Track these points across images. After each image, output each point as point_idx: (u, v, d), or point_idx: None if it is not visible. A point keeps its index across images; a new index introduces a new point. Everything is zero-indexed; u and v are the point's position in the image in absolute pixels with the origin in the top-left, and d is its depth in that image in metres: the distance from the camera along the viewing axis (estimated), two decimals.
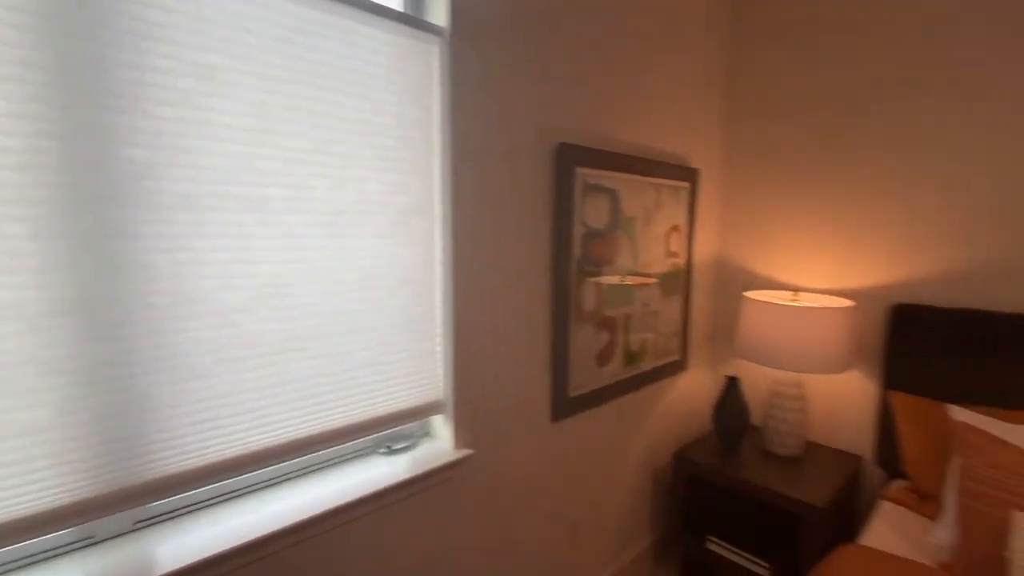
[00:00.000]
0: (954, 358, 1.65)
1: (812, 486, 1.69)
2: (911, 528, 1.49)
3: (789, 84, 2.01)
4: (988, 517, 1.21)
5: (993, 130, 1.60)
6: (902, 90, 1.76)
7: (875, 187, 1.84)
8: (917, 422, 1.66)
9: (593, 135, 1.58)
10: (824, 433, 2.02)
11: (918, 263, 1.77)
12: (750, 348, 1.88)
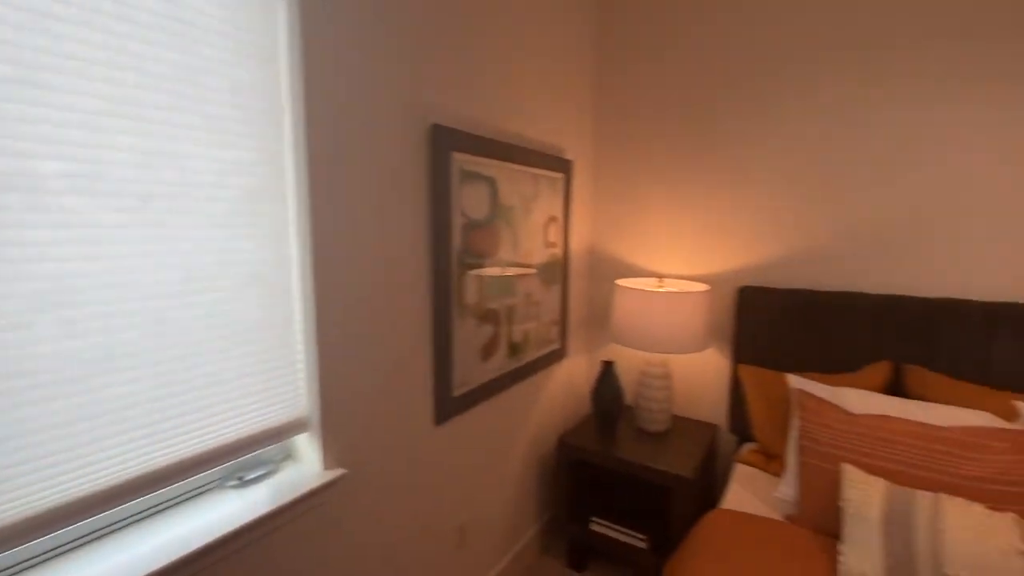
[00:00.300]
0: (790, 332, 1.89)
1: (679, 458, 1.81)
2: (762, 487, 1.67)
3: (649, 83, 2.12)
4: (823, 471, 1.39)
5: (820, 131, 1.84)
6: (748, 92, 1.94)
7: (725, 181, 2.02)
8: (762, 391, 1.87)
9: (468, 119, 1.50)
10: (687, 407, 2.20)
11: (761, 249, 1.99)
12: (622, 333, 1.97)
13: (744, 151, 1.97)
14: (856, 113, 1.76)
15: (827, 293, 1.84)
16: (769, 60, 1.89)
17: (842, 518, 1.24)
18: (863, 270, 1.81)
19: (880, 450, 1.34)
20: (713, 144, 2.03)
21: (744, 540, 1.35)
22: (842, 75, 1.77)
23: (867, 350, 1.76)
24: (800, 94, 1.85)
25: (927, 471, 1.27)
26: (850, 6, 1.74)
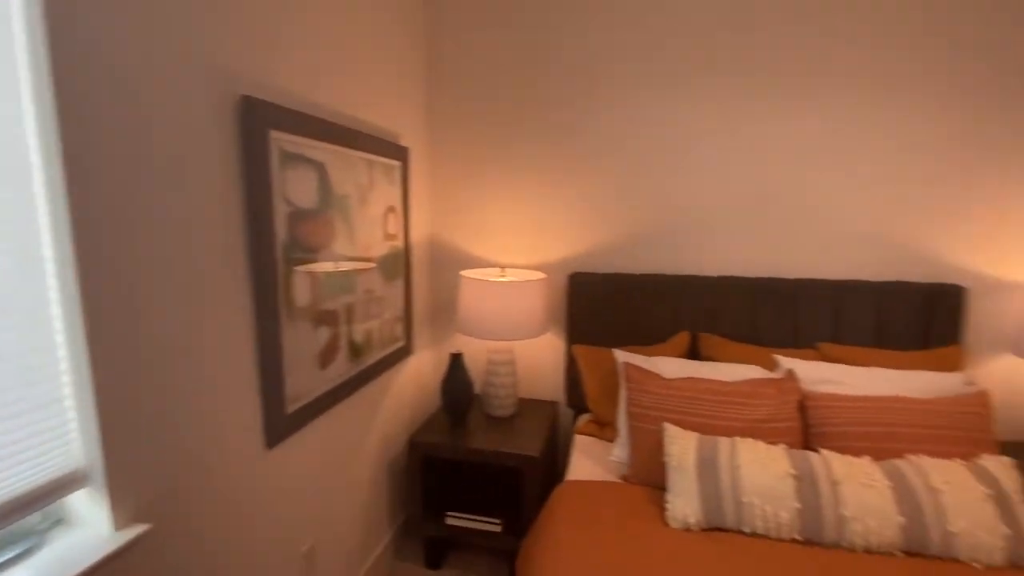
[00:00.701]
0: (613, 312, 2.10)
1: (527, 439, 1.89)
2: (599, 453, 1.84)
3: (481, 73, 2.14)
4: (649, 432, 1.58)
5: (632, 133, 2.06)
6: (572, 90, 2.08)
7: (558, 172, 2.15)
8: (594, 366, 2.05)
9: (288, 94, 1.30)
10: (531, 389, 2.32)
11: (588, 238, 2.17)
12: (469, 323, 1.97)
13: (571, 144, 2.12)
14: (658, 117, 2.02)
15: (640, 276, 2.09)
16: (588, 62, 2.05)
17: (667, 471, 1.43)
18: (666, 255, 2.10)
19: (690, 407, 1.58)
20: (544, 137, 2.13)
21: (589, 505, 1.46)
22: (650, 80, 2.01)
23: (671, 323, 2.06)
24: (616, 97, 2.05)
25: (724, 420, 1.54)
26: (661, 21, 1.98)
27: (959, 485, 1.26)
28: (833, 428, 1.52)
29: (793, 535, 1.28)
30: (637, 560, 1.23)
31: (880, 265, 1.92)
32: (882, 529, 1.23)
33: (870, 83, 1.84)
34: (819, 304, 1.93)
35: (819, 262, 1.97)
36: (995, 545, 1.19)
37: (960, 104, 1.79)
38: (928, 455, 1.38)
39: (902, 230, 1.89)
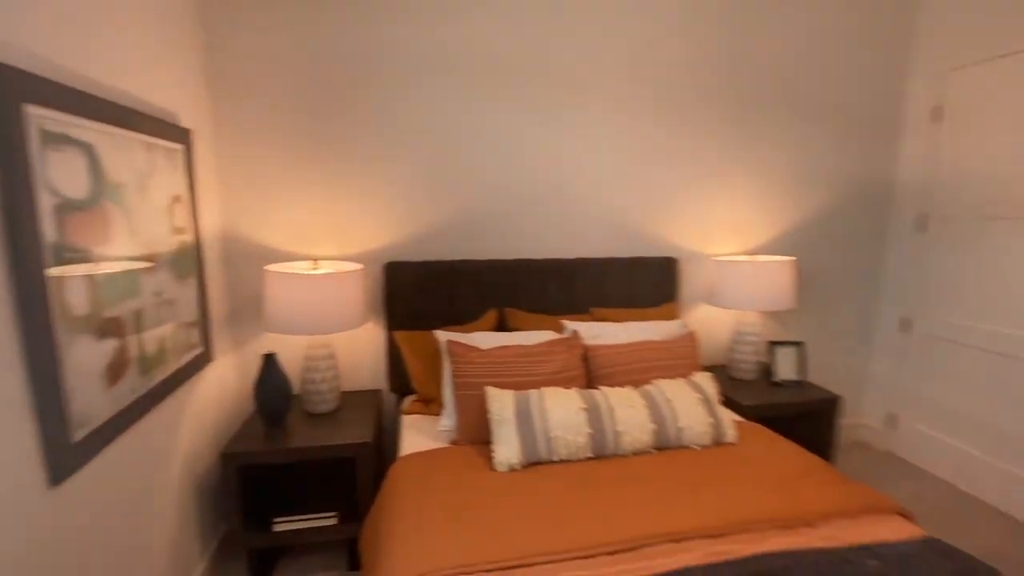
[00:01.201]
0: (430, 297, 2.26)
1: (355, 428, 1.92)
2: (427, 427, 1.98)
3: (277, 60, 2.02)
4: (472, 397, 1.80)
5: (440, 128, 2.21)
6: (381, 81, 2.13)
7: (368, 163, 2.18)
8: (415, 349, 2.18)
9: (45, 61, 1.08)
10: (353, 380, 2.32)
11: (401, 228, 2.27)
12: (280, 321, 1.89)
13: (381, 137, 2.18)
14: (460, 115, 2.23)
15: (451, 262, 2.29)
16: (390, 54, 2.13)
17: (491, 427, 1.67)
18: (473, 243, 2.35)
19: (505, 370, 1.85)
20: (351, 128, 2.14)
21: (424, 470, 1.61)
22: (452, 80, 2.19)
23: (481, 302, 2.32)
24: (422, 93, 2.18)
25: (531, 376, 1.85)
26: (460, 26, 2.16)
27: (683, 395, 1.80)
28: (606, 370, 1.98)
29: (588, 454, 1.65)
30: (468, 500, 1.43)
31: (629, 246, 2.51)
32: (642, 435, 1.68)
33: (632, 108, 2.37)
34: (590, 278, 2.42)
35: (589, 245, 2.47)
36: (705, 432, 1.75)
37: (684, 132, 2.45)
38: (664, 379, 1.92)
39: (643, 221, 2.51)
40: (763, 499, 1.42)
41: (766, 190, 2.64)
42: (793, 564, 1.17)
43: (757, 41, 2.46)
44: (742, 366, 2.47)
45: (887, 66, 2.67)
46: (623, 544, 1.25)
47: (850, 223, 2.79)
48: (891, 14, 2.62)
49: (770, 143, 2.59)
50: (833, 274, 2.81)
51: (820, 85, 2.59)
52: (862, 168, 2.74)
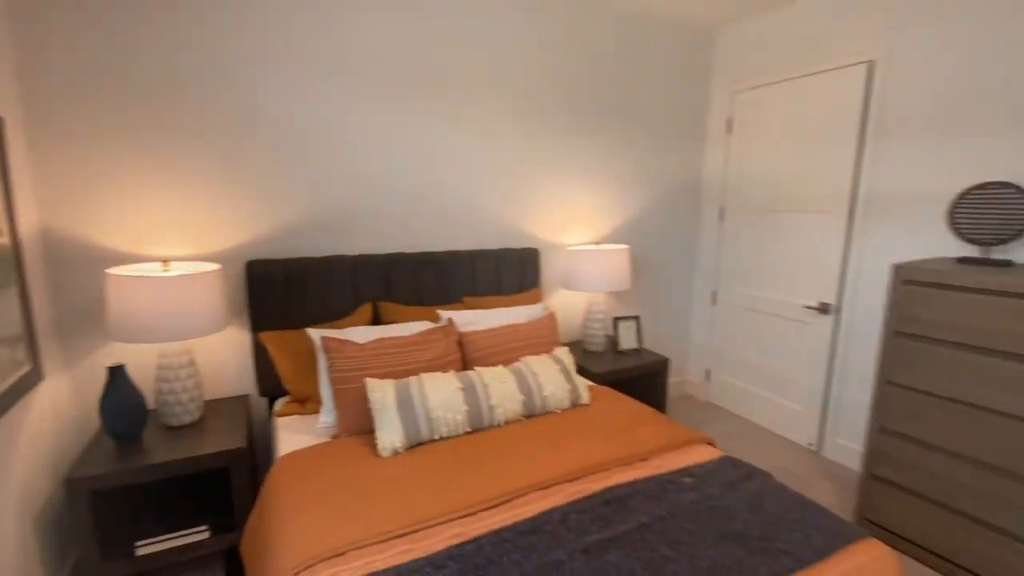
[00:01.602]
0: (299, 295, 2.22)
1: (224, 436, 1.84)
2: (305, 426, 1.98)
3: (111, 49, 1.81)
4: (352, 391, 1.85)
5: (300, 122, 2.16)
6: (227, 76, 2.01)
7: (224, 160, 2.06)
8: (286, 349, 2.13)
9: None
10: (217, 388, 2.19)
11: (263, 224, 2.18)
12: (128, 329, 1.73)
13: (237, 131, 2.06)
14: (334, 114, 2.21)
15: (320, 259, 2.27)
16: (250, 50, 2.03)
17: (373, 416, 1.75)
18: (343, 237, 2.36)
19: (383, 362, 1.93)
20: (206, 121, 2.00)
21: (308, 465, 1.64)
22: (317, 79, 2.16)
23: (355, 297, 2.35)
24: (284, 87, 2.11)
25: (409, 364, 1.96)
26: (331, 26, 2.12)
27: (546, 369, 2.06)
28: (480, 352, 2.17)
29: (466, 428, 1.82)
30: (355, 486, 1.50)
31: (496, 239, 2.73)
32: (513, 406, 1.91)
33: (496, 112, 2.55)
34: (461, 269, 2.59)
35: (460, 239, 2.63)
36: (565, 397, 2.04)
37: (543, 136, 2.70)
38: (530, 355, 2.17)
39: (508, 216, 2.74)
40: (610, 445, 1.73)
41: (608, 188, 3.05)
42: (633, 491, 1.48)
43: (600, 63, 2.83)
44: (593, 340, 2.85)
45: (695, 87, 3.26)
46: (499, 499, 1.45)
47: (670, 215, 3.35)
48: (698, 46, 3.20)
49: (610, 148, 3.00)
50: (659, 258, 3.36)
51: (649, 101, 3.06)
52: (679, 169, 3.31)
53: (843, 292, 2.66)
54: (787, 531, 1.30)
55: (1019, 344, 1.67)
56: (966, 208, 2.02)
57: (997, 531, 1.76)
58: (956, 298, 1.81)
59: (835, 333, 2.71)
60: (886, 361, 2.03)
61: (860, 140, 2.51)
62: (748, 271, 3.17)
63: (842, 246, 2.63)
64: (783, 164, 2.90)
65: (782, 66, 2.86)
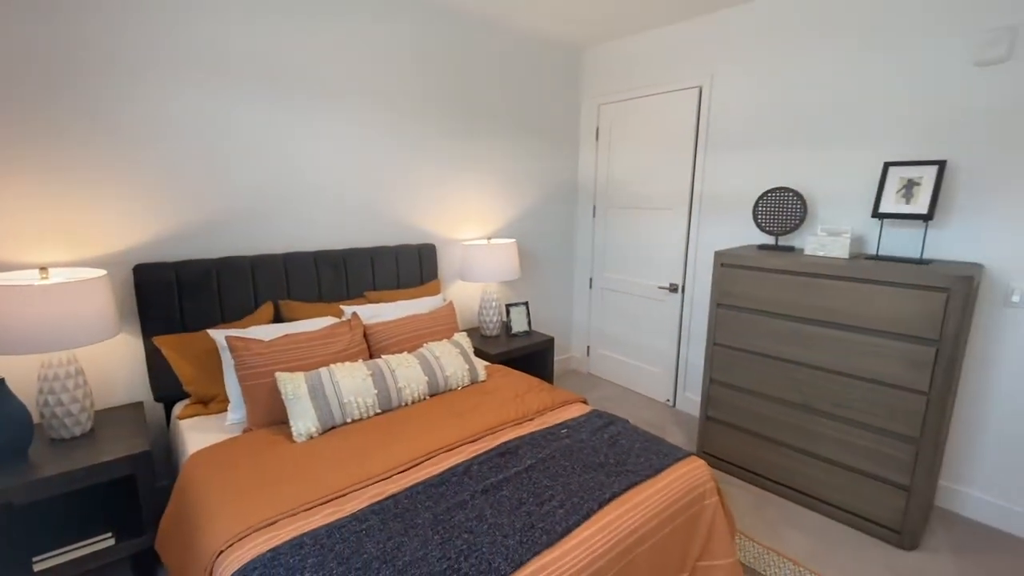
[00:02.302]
0: (196, 296, 2.23)
1: (123, 443, 1.82)
2: (212, 426, 2.02)
3: None
4: (262, 385, 1.95)
5: (195, 122, 2.15)
6: (127, 71, 1.95)
7: (107, 160, 1.99)
8: (186, 352, 2.14)
9: None
10: (108, 397, 2.13)
11: (151, 227, 2.15)
12: (4, 341, 1.67)
13: (120, 131, 2.01)
14: (217, 112, 2.22)
15: (216, 259, 2.29)
16: (132, 46, 1.98)
17: (286, 406, 1.88)
18: (239, 237, 2.38)
19: (291, 356, 2.05)
20: (84, 120, 1.92)
21: (223, 458, 1.72)
22: (207, 79, 2.16)
23: (255, 297, 2.40)
24: (171, 86, 2.09)
25: (318, 357, 2.10)
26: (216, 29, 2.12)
27: (446, 352, 2.32)
28: (385, 342, 2.36)
29: (376, 411, 2.02)
30: (272, 469, 1.64)
31: (395, 235, 2.90)
32: (418, 387, 2.14)
33: (397, 114, 2.69)
34: (362, 265, 2.73)
35: (359, 235, 2.77)
36: (464, 376, 2.31)
37: (440, 136, 2.90)
38: (432, 341, 2.42)
39: (407, 214, 2.92)
40: (503, 410, 2.05)
41: (497, 187, 3.36)
42: (522, 443, 1.80)
43: (487, 74, 3.11)
44: (488, 325, 3.16)
45: (569, 98, 3.68)
46: (411, 463, 1.69)
47: (552, 211, 3.77)
48: (570, 63, 3.63)
49: (500, 151, 3.31)
50: (544, 249, 3.77)
51: (531, 110, 3.42)
52: (558, 171, 3.73)
53: (687, 274, 3.26)
54: (635, 458, 1.71)
55: (793, 308, 2.28)
56: (763, 206, 2.65)
57: (793, 449, 2.39)
58: (753, 276, 2.40)
59: (683, 308, 3.31)
60: (712, 327, 2.60)
61: (695, 150, 3.10)
62: (616, 259, 3.70)
63: (684, 236, 3.22)
64: (640, 168, 3.43)
65: (637, 84, 3.37)
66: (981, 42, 2.06)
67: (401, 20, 2.73)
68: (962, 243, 2.20)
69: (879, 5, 2.31)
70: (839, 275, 2.15)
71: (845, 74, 2.44)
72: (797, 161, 2.65)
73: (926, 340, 1.97)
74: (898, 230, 2.35)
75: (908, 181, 2.19)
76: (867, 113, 2.39)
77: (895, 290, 2.01)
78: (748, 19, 2.77)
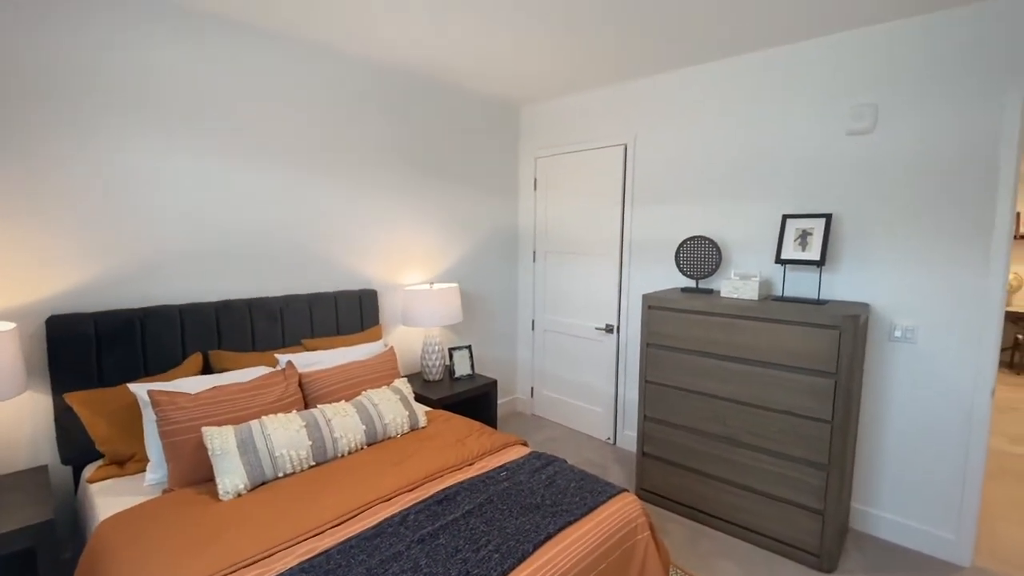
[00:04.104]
0: (115, 349, 2.12)
1: (23, 513, 1.67)
2: (127, 488, 1.88)
3: None
4: (187, 441, 1.86)
5: (120, 171, 2.10)
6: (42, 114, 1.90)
7: (21, 210, 1.90)
8: (100, 409, 2.01)
9: None
10: (10, 461, 1.95)
11: (72, 276, 2.05)
12: None
13: (37, 180, 1.94)
14: (149, 155, 2.19)
15: (140, 309, 2.20)
16: (50, 84, 1.94)
17: (212, 463, 1.79)
18: (166, 286, 2.31)
19: (220, 409, 1.97)
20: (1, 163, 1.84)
21: (141, 521, 1.61)
22: (144, 129, 2.13)
23: (182, 348, 2.31)
24: (99, 132, 2.05)
25: (250, 409, 2.03)
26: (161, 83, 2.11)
27: (386, 399, 2.31)
28: (321, 391, 2.32)
29: (310, 463, 1.97)
30: (195, 531, 1.54)
31: (335, 281, 2.90)
32: (355, 436, 2.11)
33: (340, 164, 2.73)
34: (299, 312, 2.70)
35: (299, 282, 2.74)
36: (404, 422, 2.30)
37: (384, 185, 2.97)
38: (371, 388, 2.40)
39: (348, 259, 2.93)
40: (443, 456, 2.05)
41: (440, 233, 3.45)
42: (460, 489, 1.81)
43: (429, 127, 3.25)
44: (432, 370, 3.17)
45: (508, 150, 3.90)
46: (345, 516, 1.65)
47: (495, 256, 3.89)
48: (509, 118, 3.86)
49: (443, 198, 3.42)
50: (487, 292, 3.86)
51: (473, 160, 3.58)
52: (500, 217, 3.89)
53: (620, 316, 3.43)
54: (570, 497, 1.76)
55: (714, 346, 2.47)
56: (684, 253, 2.88)
57: (721, 481, 2.52)
58: (678, 317, 2.58)
59: (618, 348, 3.47)
60: (643, 366, 2.74)
61: (623, 201, 3.34)
62: (557, 302, 3.85)
63: (617, 280, 3.42)
64: (575, 216, 3.65)
65: (570, 140, 3.63)
66: (851, 116, 2.42)
67: (342, 71, 2.83)
68: (851, 285, 2.49)
69: (763, 84, 2.67)
70: (751, 315, 2.36)
71: (744, 139, 2.77)
72: (711, 212, 2.93)
73: (825, 373, 2.18)
74: (799, 274, 2.63)
75: (803, 231, 2.47)
76: (766, 172, 2.71)
77: (798, 328, 2.23)
78: (661, 90, 3.10)
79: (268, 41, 2.53)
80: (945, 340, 2.28)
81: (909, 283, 2.34)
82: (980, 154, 2.14)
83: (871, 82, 2.37)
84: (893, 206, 2.35)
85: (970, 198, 2.17)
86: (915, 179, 2.29)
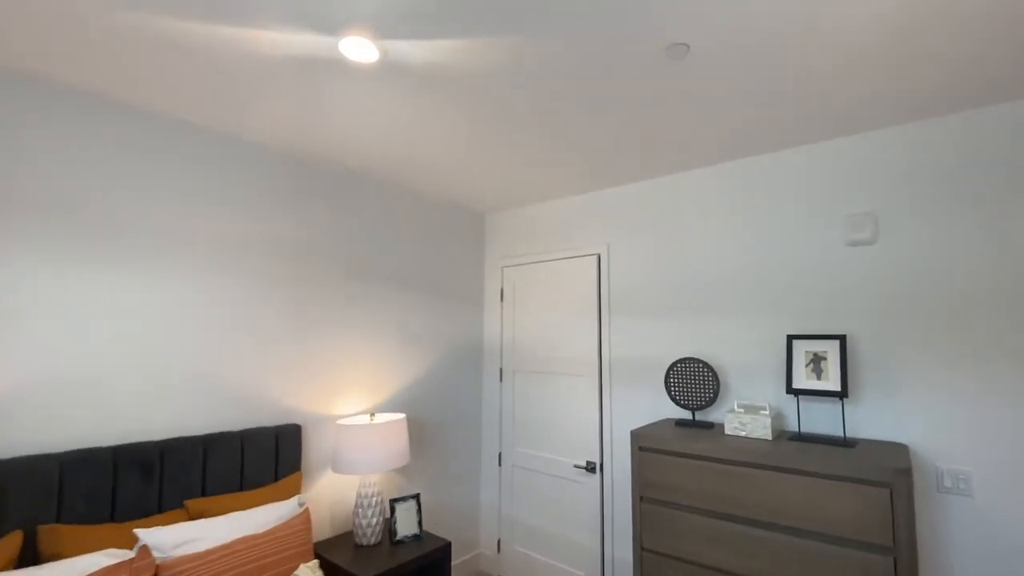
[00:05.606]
0: None
1: None
2: None
3: None
4: None
5: None
6: None
7: None
8: None
9: None
10: None
11: None
12: None
13: None
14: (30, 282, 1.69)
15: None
16: None
17: None
18: None
19: None
20: None
21: None
22: None
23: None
24: None
25: None
26: None
27: None
28: None
29: None
30: None
31: (242, 415, 2.29)
32: None
33: (257, 277, 2.28)
34: (188, 460, 2.05)
35: (186, 420, 2.12)
36: None
37: (313, 302, 2.50)
38: (270, 574, 1.71)
39: (258, 386, 2.36)
40: None
41: (389, 349, 2.94)
42: None
43: (379, 232, 2.90)
44: (367, 530, 2.46)
45: (473, 259, 3.56)
46: None
47: (455, 376, 3.36)
48: (473, 226, 3.58)
49: (393, 309, 2.96)
50: (444, 420, 3.26)
51: (432, 268, 3.20)
52: (462, 331, 3.43)
53: (604, 451, 2.87)
54: None
55: (722, 503, 1.92)
56: (675, 378, 2.44)
57: None
58: (675, 462, 2.05)
59: (603, 492, 2.85)
60: (637, 527, 2.14)
61: (599, 314, 2.96)
62: (528, 431, 3.26)
63: (598, 406, 2.91)
64: (547, 330, 3.22)
65: (539, 249, 3.33)
66: (849, 226, 2.16)
67: (273, 171, 2.50)
68: (878, 421, 2.05)
69: (749, 191, 2.46)
70: (770, 464, 1.86)
71: (733, 250, 2.49)
72: (702, 330, 2.55)
73: (879, 547, 1.65)
74: (813, 404, 2.19)
75: (814, 355, 2.08)
76: (762, 286, 2.39)
77: (831, 483, 1.73)
78: (634, 198, 2.88)
79: (171, 124, 2.19)
80: (1011, 490, 1.80)
81: (952, 417, 1.92)
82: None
83: (866, 189, 2.16)
84: (918, 325, 2.01)
85: (1018, 316, 1.84)
86: (941, 294, 1.98)
